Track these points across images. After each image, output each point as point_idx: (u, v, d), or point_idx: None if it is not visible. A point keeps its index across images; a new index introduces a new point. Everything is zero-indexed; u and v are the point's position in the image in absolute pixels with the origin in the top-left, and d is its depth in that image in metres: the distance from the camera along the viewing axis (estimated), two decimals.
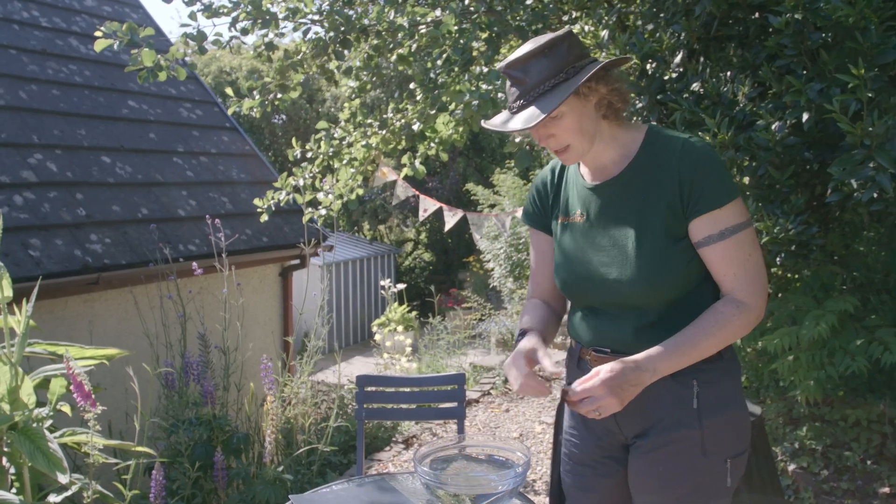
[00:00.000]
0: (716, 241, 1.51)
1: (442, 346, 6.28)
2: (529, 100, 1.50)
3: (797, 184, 2.73)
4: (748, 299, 1.51)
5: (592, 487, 1.74)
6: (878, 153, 2.09)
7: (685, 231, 1.55)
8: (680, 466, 1.56)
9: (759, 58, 2.91)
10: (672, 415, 1.57)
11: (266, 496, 3.33)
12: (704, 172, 1.52)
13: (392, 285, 8.46)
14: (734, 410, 1.59)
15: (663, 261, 1.54)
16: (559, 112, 1.51)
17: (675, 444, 1.57)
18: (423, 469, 1.70)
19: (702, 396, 1.56)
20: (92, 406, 2.41)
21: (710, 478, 1.56)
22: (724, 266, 1.52)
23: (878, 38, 2.12)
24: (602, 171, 1.64)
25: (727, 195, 1.51)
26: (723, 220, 1.51)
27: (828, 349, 2.78)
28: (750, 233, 1.54)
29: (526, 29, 3.85)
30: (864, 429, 2.79)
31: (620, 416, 1.64)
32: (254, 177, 6.59)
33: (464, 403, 2.78)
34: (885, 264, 2.98)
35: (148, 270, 4.65)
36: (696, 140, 1.57)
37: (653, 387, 1.55)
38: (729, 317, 1.50)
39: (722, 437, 1.56)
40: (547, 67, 1.49)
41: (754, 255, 1.53)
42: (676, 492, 1.57)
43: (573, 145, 1.56)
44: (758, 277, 1.53)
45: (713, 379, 1.57)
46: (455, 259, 13.18)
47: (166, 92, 6.61)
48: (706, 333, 1.50)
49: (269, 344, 6.08)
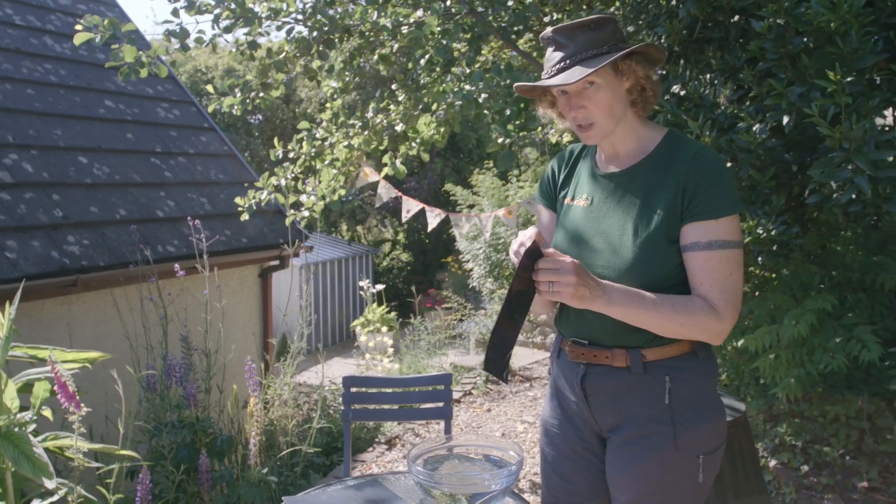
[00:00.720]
0: (701, 250, 1.53)
1: (423, 346, 6.29)
2: (573, 62, 1.54)
3: (777, 185, 2.78)
4: (720, 310, 1.52)
5: (572, 478, 1.76)
6: (856, 156, 2.14)
7: (677, 234, 1.57)
8: (652, 461, 1.58)
9: (739, 61, 2.96)
10: (644, 410, 1.59)
11: (251, 498, 3.31)
12: (710, 182, 1.53)
13: (371, 286, 8.44)
14: (708, 408, 1.60)
15: (654, 258, 1.55)
16: (596, 83, 1.55)
17: (648, 438, 1.59)
18: (417, 469, 1.71)
19: (674, 392, 1.58)
20: (77, 408, 2.39)
21: (683, 473, 1.58)
22: (703, 276, 1.53)
23: (857, 44, 2.17)
24: (616, 160, 1.68)
25: (725, 210, 1.53)
26: (714, 232, 1.52)
27: (807, 347, 2.84)
28: (738, 254, 1.54)
29: (508, 30, 3.87)
30: (843, 425, 2.85)
31: (595, 408, 1.67)
32: (232, 177, 6.55)
33: (451, 403, 2.79)
34: (862, 264, 3.05)
35: (127, 272, 4.60)
36: (711, 151, 1.60)
37: (626, 381, 1.59)
38: (699, 308, 1.51)
39: (694, 434, 1.57)
40: (592, 39, 1.55)
41: (735, 276, 1.54)
42: (649, 486, 1.59)
43: (598, 123, 1.58)
44: (734, 297, 1.53)
45: (686, 376, 1.59)
46: (433, 259, 13.19)
47: (143, 92, 6.54)
48: (671, 303, 1.51)
49: (249, 345, 6.05)
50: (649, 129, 1.67)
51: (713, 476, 1.63)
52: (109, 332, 4.75)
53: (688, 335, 1.56)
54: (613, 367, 1.61)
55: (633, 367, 1.59)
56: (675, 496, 1.59)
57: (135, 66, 3.00)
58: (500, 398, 5.53)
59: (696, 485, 1.59)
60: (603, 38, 1.56)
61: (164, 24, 3.09)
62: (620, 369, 1.61)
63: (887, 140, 2.27)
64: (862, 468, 2.70)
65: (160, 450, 3.39)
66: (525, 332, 7.43)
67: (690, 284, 1.56)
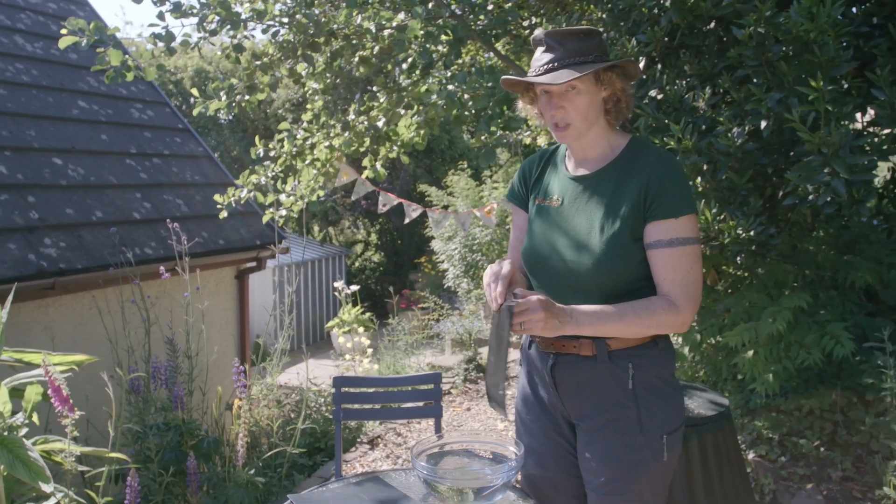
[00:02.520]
0: (664, 247, 1.66)
1: (401, 346, 6.33)
2: (561, 65, 1.66)
3: (754, 187, 2.88)
4: (680, 304, 1.66)
5: (547, 464, 1.86)
6: (833, 161, 2.24)
7: (641, 232, 1.69)
8: (620, 443, 1.71)
9: (716, 67, 3.06)
10: (610, 396, 1.72)
11: (239, 499, 3.32)
12: (670, 183, 1.67)
13: (346, 287, 8.45)
14: (667, 392, 1.74)
15: (620, 253, 1.68)
16: (578, 87, 1.67)
17: (615, 423, 1.71)
18: (421, 464, 1.76)
19: (636, 378, 1.70)
20: (70, 411, 2.39)
21: (649, 453, 1.70)
22: (665, 271, 1.67)
23: (833, 52, 2.27)
24: (585, 163, 1.80)
25: (684, 209, 1.67)
26: (674, 230, 1.66)
27: (784, 343, 2.94)
28: (696, 249, 1.68)
29: (488, 34, 3.93)
30: (818, 418, 2.96)
31: (564, 395, 1.78)
32: (208, 179, 6.51)
33: (441, 402, 2.84)
34: (834, 263, 3.16)
35: (107, 275, 4.56)
36: (671, 155, 1.75)
37: (593, 370, 1.71)
38: (657, 307, 1.65)
39: (657, 415, 1.71)
40: (580, 47, 1.68)
41: (694, 270, 1.68)
42: (619, 466, 1.71)
43: (574, 125, 1.71)
44: (693, 290, 1.67)
45: (647, 363, 1.72)
46: (405, 260, 13.22)
47: (116, 92, 6.48)
48: (632, 310, 1.64)
49: (227, 347, 6.02)
50: (616, 135, 1.80)
51: (676, 455, 1.76)
52: (87, 335, 4.70)
53: (655, 332, 1.70)
54: (581, 355, 1.73)
55: (598, 356, 1.71)
56: (642, 474, 1.71)
57: (121, 70, 2.99)
58: (478, 397, 5.59)
59: (662, 463, 1.72)
60: (590, 48, 1.69)
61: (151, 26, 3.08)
62: (587, 358, 1.72)
63: (859, 145, 2.38)
64: (836, 459, 2.81)
65: (146, 452, 3.39)
66: None
67: (654, 280, 1.70)
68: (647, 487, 1.71)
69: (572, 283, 1.73)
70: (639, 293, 1.70)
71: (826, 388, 3.06)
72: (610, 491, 1.71)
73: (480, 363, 6.12)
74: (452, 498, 1.68)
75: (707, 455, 2.29)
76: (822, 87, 2.16)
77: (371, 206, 13.26)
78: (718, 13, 2.67)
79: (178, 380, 3.55)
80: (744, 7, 2.55)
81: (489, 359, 1.67)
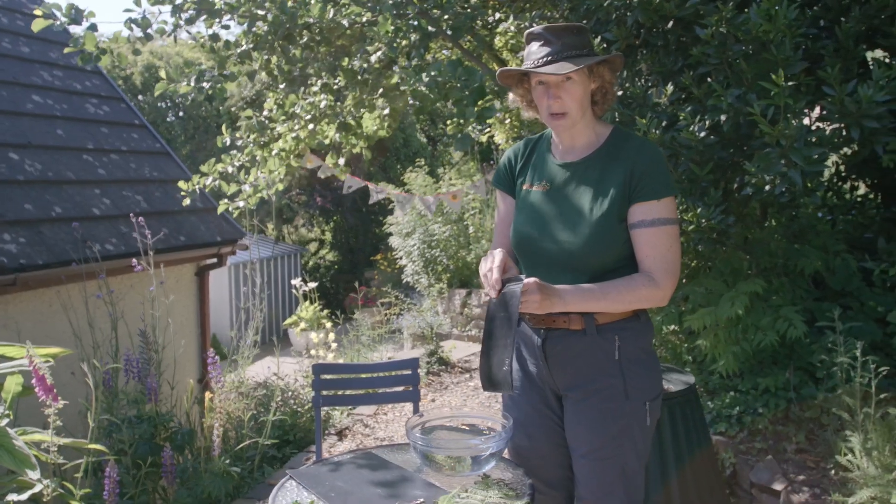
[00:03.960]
0: (647, 227, 1.80)
1: (364, 341, 6.39)
2: (559, 58, 1.78)
3: (714, 179, 3.05)
4: (660, 280, 1.80)
5: (535, 435, 1.98)
6: (791, 152, 2.41)
7: (627, 214, 1.83)
8: (607, 411, 1.83)
9: (676, 65, 3.22)
10: (598, 366, 1.84)
11: (217, 489, 3.35)
12: (652, 167, 1.82)
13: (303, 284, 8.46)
14: (649, 361, 1.88)
15: (607, 234, 1.81)
16: (573, 78, 1.79)
17: (602, 391, 1.83)
18: (417, 436, 1.85)
19: (622, 349, 1.83)
20: (55, 401, 2.41)
21: (634, 419, 1.85)
22: (648, 249, 1.81)
23: (789, 51, 2.44)
24: (572, 151, 1.93)
25: (665, 191, 1.82)
26: (657, 211, 1.80)
27: (741, 326, 3.12)
28: (675, 230, 1.83)
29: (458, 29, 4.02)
30: (773, 396, 3.15)
31: (554, 368, 1.90)
32: (167, 175, 6.45)
33: (419, 386, 2.92)
34: (785, 251, 3.36)
35: (69, 270, 4.51)
36: (652, 143, 1.90)
37: (582, 343, 1.84)
38: (638, 284, 1.79)
39: (640, 383, 1.84)
40: (575, 41, 1.81)
41: (674, 249, 1.83)
42: (606, 433, 1.84)
43: (570, 113, 1.83)
44: (672, 267, 1.82)
45: (631, 336, 1.85)
46: (361, 258, 13.24)
47: (71, 87, 6.37)
48: (615, 288, 1.78)
49: (188, 344, 5.99)
50: (601, 126, 1.94)
51: (656, 420, 1.91)
52: (48, 331, 4.64)
53: (637, 307, 1.84)
54: (570, 329, 1.85)
55: (587, 330, 1.84)
56: (628, 439, 1.85)
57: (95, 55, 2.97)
58: (442, 388, 5.69)
59: (645, 427, 1.87)
60: (583, 43, 1.83)
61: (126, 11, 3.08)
62: (576, 332, 1.85)
63: (812, 139, 2.56)
64: (791, 433, 3.00)
65: (119, 445, 3.39)
66: (460, 325, 7.62)
67: (637, 258, 1.84)
68: (632, 451, 1.84)
69: (563, 262, 1.84)
70: (622, 271, 1.83)
71: (779, 368, 3.25)
72: (599, 456, 1.83)
73: (442, 356, 6.22)
74: (450, 466, 1.78)
75: (676, 426, 2.44)
76: (782, 83, 2.33)
77: (326, 203, 13.25)
78: (681, 13, 2.83)
79: (152, 371, 3.56)
80: (706, 8, 2.71)
81: (485, 343, 1.74)
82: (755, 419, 3.12)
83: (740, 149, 3.05)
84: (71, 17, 2.84)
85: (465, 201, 8.31)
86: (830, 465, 2.65)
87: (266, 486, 3.91)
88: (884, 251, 3.40)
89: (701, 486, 2.49)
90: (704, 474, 2.52)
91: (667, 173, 1.83)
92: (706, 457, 2.56)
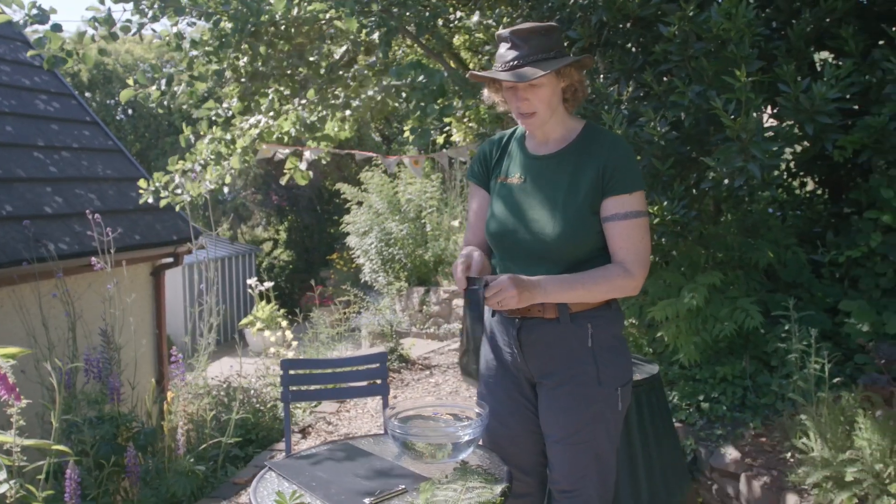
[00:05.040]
0: (620, 220, 1.87)
1: (324, 339, 6.36)
2: (526, 62, 1.82)
3: (677, 174, 3.14)
4: (633, 270, 1.87)
5: (508, 422, 2.02)
6: (752, 145, 2.50)
7: (599, 206, 1.88)
8: (581, 397, 1.89)
9: (636, 63, 3.31)
10: (572, 354, 1.89)
11: (181, 488, 3.32)
12: (624, 163, 1.88)
13: (259, 284, 8.39)
14: (620, 348, 1.94)
15: (581, 225, 1.87)
16: (541, 81, 1.83)
17: (576, 378, 1.88)
18: (396, 424, 1.88)
19: (595, 337, 1.89)
20: (17, 400, 2.36)
21: (606, 404, 1.90)
22: (621, 241, 1.87)
23: (748, 50, 2.53)
24: (545, 145, 1.97)
25: (637, 185, 1.89)
26: (629, 204, 1.87)
27: (701, 317, 3.22)
28: (646, 221, 1.91)
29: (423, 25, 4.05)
30: (730, 384, 3.25)
31: (529, 356, 1.94)
32: (120, 173, 6.33)
33: (387, 380, 2.94)
34: (740, 245, 3.48)
35: (21, 270, 4.40)
36: (623, 139, 1.98)
37: (556, 331, 1.89)
38: (613, 274, 1.85)
39: (612, 370, 1.90)
40: (543, 44, 1.84)
41: (645, 240, 1.90)
42: (580, 419, 1.89)
43: (539, 113, 1.88)
44: (644, 257, 1.89)
45: (603, 324, 1.91)
46: (316, 257, 13.15)
47: (18, 82, 6.21)
48: (591, 277, 1.84)
49: (146, 344, 5.88)
50: (573, 120, 1.99)
51: (627, 405, 1.97)
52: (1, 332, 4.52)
53: (611, 296, 1.91)
54: (545, 318, 1.90)
55: (561, 318, 1.89)
56: (601, 424, 1.91)
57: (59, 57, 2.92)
58: (403, 385, 5.70)
59: (617, 413, 1.93)
60: (551, 44, 1.87)
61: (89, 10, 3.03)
62: (551, 320, 1.89)
63: (769, 134, 2.67)
64: (748, 419, 3.10)
65: (80, 446, 3.32)
66: (418, 323, 7.64)
67: (610, 249, 1.90)
68: (605, 436, 1.90)
69: (538, 253, 1.89)
70: (595, 262, 1.88)
71: (735, 357, 3.36)
72: (573, 441, 1.88)
73: (402, 354, 6.24)
74: (430, 453, 1.81)
75: (643, 413, 2.51)
76: (744, 79, 2.42)
77: (283, 202, 13.12)
78: (644, 12, 2.91)
79: (114, 371, 3.50)
80: (668, 6, 2.79)
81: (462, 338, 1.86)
82: (714, 407, 3.23)
83: (699, 145, 3.15)
84: (34, 16, 2.77)
85: (423, 199, 8.34)
86: (786, 448, 2.76)
87: (230, 485, 3.87)
88: (832, 244, 3.54)
89: (667, 471, 2.57)
90: (670, 460, 2.60)
91: (637, 168, 1.90)
92: (671, 443, 2.64)
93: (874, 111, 2.82)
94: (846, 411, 2.58)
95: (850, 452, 2.34)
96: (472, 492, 1.64)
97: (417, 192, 8.35)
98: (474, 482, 1.70)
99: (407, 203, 8.32)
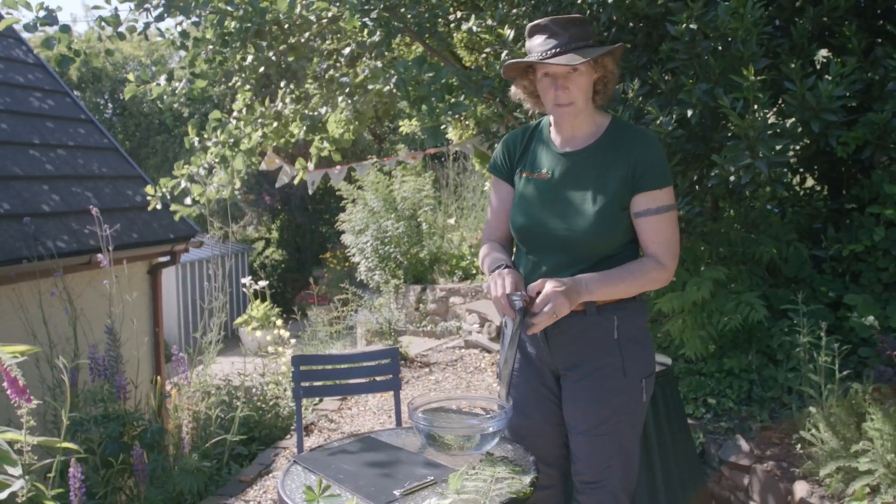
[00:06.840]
0: (652, 215, 1.89)
1: (321, 337, 6.37)
2: (567, 49, 1.83)
3: (681, 171, 3.17)
4: (667, 263, 1.90)
5: (531, 414, 2.04)
6: (759, 143, 2.53)
7: (629, 202, 1.90)
8: (606, 388, 1.90)
9: (640, 60, 3.34)
10: (598, 346, 1.91)
11: (188, 486, 3.32)
12: (654, 159, 1.90)
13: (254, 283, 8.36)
14: (644, 340, 1.96)
15: (610, 221, 1.89)
16: (580, 69, 1.84)
17: (602, 369, 1.90)
18: (421, 416, 1.89)
19: (620, 329, 1.91)
20: (27, 401, 2.35)
21: (631, 396, 1.92)
22: (654, 235, 1.90)
23: (755, 48, 2.57)
24: (572, 141, 1.98)
25: (667, 181, 1.91)
26: (660, 199, 1.89)
27: (706, 311, 3.26)
28: (675, 215, 1.94)
29: (424, 26, 4.07)
30: (736, 377, 3.29)
31: (555, 349, 1.96)
32: (116, 171, 6.30)
33: (399, 375, 2.95)
34: (743, 240, 3.52)
35: (20, 268, 4.37)
36: (653, 135, 1.98)
37: (583, 322, 1.91)
38: (648, 268, 1.89)
39: (636, 361, 1.92)
40: (581, 33, 1.87)
41: (675, 233, 1.93)
42: (605, 410, 1.91)
43: (576, 103, 1.88)
44: (675, 249, 1.93)
45: (628, 315, 1.92)
46: (309, 256, 13.13)
47: (12, 80, 6.15)
48: (630, 273, 1.87)
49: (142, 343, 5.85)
50: (600, 115, 2.00)
51: (649, 397, 1.99)
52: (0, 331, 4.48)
53: (646, 289, 1.94)
54: (572, 311, 1.89)
55: (588, 311, 1.91)
56: (626, 415, 1.93)
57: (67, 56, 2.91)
58: (404, 383, 5.70)
59: (641, 404, 1.95)
60: (588, 34, 1.89)
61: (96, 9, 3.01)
62: (578, 313, 1.90)
63: (775, 131, 2.70)
64: (754, 413, 3.14)
65: (87, 444, 3.31)
66: (416, 321, 7.66)
67: (642, 243, 1.92)
68: (629, 427, 1.92)
69: (566, 249, 1.91)
70: (621, 255, 1.91)
71: (740, 352, 3.40)
72: (597, 433, 1.90)
73: (401, 351, 6.25)
74: (459, 445, 1.82)
75: (657, 403, 2.55)
76: (752, 78, 2.45)
77: (275, 202, 13.09)
78: (652, 11, 2.93)
79: (120, 369, 3.49)
80: (675, 5, 2.82)
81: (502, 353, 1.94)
82: (720, 400, 3.26)
83: (705, 142, 3.18)
84: (43, 18, 2.76)
85: (419, 198, 8.36)
86: (795, 440, 2.79)
87: (236, 482, 3.87)
88: (833, 239, 3.59)
89: (681, 464, 2.60)
90: (684, 452, 2.64)
91: (666, 163, 1.92)
92: (684, 436, 2.67)
93: (877, 108, 2.86)
94: (856, 403, 2.62)
95: (861, 443, 2.37)
96: (501, 482, 1.65)
97: (412, 190, 8.36)
98: (503, 472, 1.72)
99: (402, 201, 8.34)
